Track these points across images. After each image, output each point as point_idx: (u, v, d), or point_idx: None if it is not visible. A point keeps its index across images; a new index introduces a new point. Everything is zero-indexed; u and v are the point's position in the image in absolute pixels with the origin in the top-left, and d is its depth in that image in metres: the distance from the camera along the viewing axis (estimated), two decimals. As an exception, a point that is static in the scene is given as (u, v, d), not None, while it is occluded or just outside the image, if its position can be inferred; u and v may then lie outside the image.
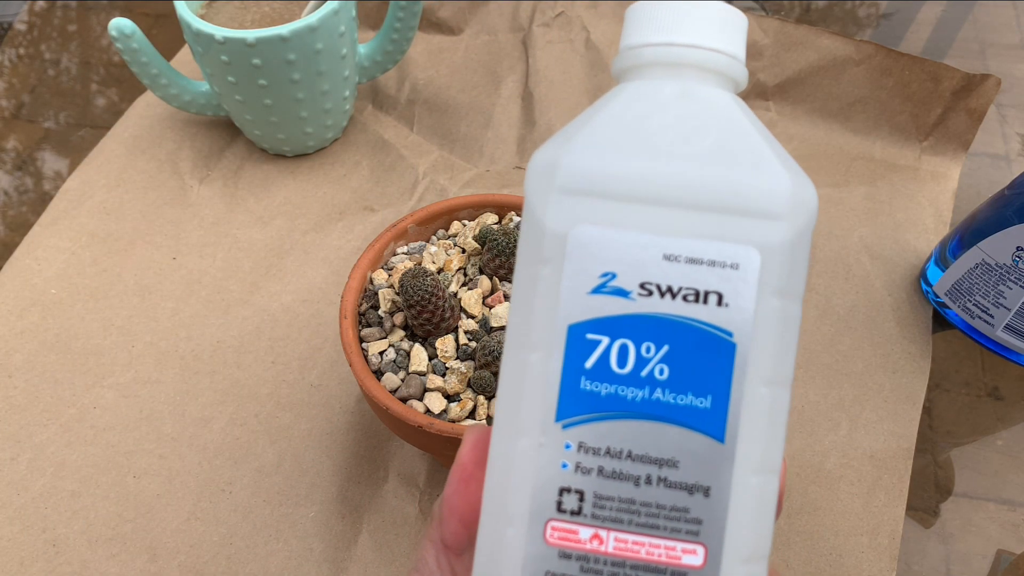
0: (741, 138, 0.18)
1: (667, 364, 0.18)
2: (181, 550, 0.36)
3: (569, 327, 0.18)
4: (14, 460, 0.39)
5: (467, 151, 0.53)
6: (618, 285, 0.18)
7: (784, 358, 0.18)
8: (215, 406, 0.41)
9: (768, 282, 0.17)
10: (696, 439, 0.17)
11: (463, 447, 0.20)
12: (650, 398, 0.18)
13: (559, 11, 0.60)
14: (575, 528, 0.18)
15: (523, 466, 0.18)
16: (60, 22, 0.65)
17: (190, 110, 0.51)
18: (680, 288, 0.18)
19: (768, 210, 0.17)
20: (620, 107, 0.19)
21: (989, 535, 0.37)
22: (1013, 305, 0.39)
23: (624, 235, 0.18)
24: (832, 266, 0.46)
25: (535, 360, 0.18)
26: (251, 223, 0.49)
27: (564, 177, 0.18)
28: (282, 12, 0.49)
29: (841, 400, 0.41)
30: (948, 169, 0.51)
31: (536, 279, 0.18)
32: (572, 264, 0.18)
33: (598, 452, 0.18)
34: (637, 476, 0.18)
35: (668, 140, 0.18)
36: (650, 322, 0.18)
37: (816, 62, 0.54)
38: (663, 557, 0.17)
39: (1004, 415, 0.42)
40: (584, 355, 0.18)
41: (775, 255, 0.17)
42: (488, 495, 0.18)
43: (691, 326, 0.17)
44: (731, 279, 0.17)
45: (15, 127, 0.57)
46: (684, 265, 0.17)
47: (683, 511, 0.17)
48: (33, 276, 0.46)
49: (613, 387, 0.18)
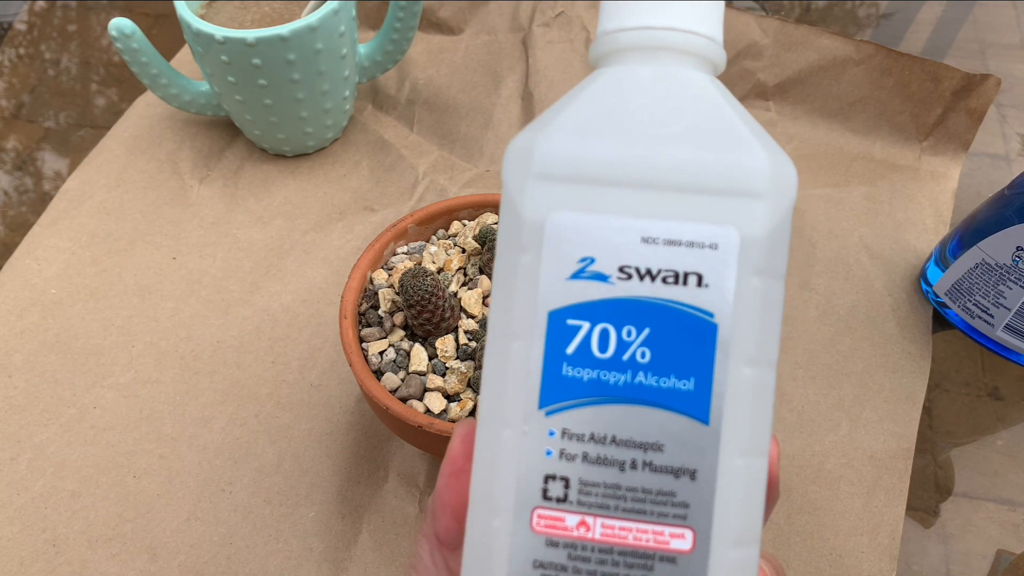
0: (718, 118, 0.18)
1: (649, 347, 0.17)
2: (181, 550, 0.36)
3: (549, 313, 0.18)
4: (14, 460, 0.39)
5: (467, 151, 0.53)
6: (597, 270, 0.18)
7: (767, 338, 0.18)
8: (215, 406, 0.41)
9: (748, 262, 0.17)
10: (680, 422, 0.17)
11: (453, 440, 0.20)
12: (633, 382, 0.17)
13: (559, 11, 0.60)
14: (561, 515, 0.17)
15: (508, 455, 0.18)
16: (60, 22, 0.65)
17: (190, 110, 0.51)
18: (659, 270, 0.17)
19: (746, 189, 0.17)
20: (596, 92, 0.19)
21: (989, 535, 0.37)
22: (1013, 305, 0.39)
23: (601, 219, 0.18)
24: (832, 266, 0.46)
25: (516, 348, 0.18)
26: (251, 223, 0.49)
27: (540, 163, 0.18)
28: (282, 12, 0.49)
29: (841, 400, 0.41)
30: (948, 169, 0.51)
31: (515, 267, 0.18)
32: (550, 250, 0.18)
33: (582, 438, 0.18)
34: (622, 461, 0.17)
35: (644, 122, 0.18)
36: (630, 306, 0.17)
37: (816, 62, 0.54)
38: (651, 542, 0.17)
39: (1004, 415, 0.42)
40: (565, 341, 0.18)
41: (755, 234, 0.17)
42: (475, 486, 0.18)
43: (671, 308, 0.17)
44: (710, 260, 0.17)
45: (15, 127, 0.57)
46: (663, 247, 0.17)
47: (670, 495, 0.17)
48: (33, 276, 0.46)
49: (595, 372, 0.18)
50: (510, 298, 0.18)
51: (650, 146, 0.18)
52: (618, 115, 0.18)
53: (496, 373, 0.18)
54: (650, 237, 0.17)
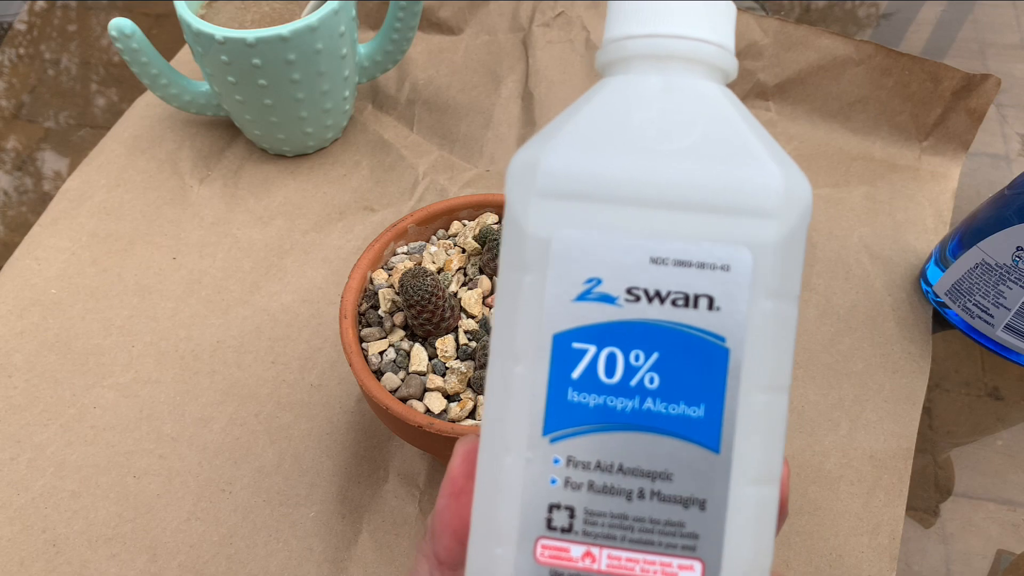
0: (729, 132, 0.17)
1: (657, 372, 0.17)
2: (181, 550, 0.36)
3: (554, 336, 0.17)
4: (14, 460, 0.39)
5: (467, 151, 0.53)
6: (604, 291, 0.17)
7: (780, 362, 0.17)
8: (215, 406, 0.41)
9: (761, 283, 0.17)
10: (690, 450, 0.17)
11: (453, 460, 0.20)
12: (640, 408, 0.17)
13: (559, 11, 0.60)
14: (566, 546, 0.17)
15: (511, 482, 0.17)
16: (60, 22, 0.65)
17: (190, 110, 0.51)
18: (669, 292, 0.17)
19: (759, 208, 0.17)
20: (602, 103, 0.18)
21: (989, 535, 0.37)
22: (1013, 305, 0.39)
23: (609, 238, 0.17)
24: (832, 266, 0.46)
25: (520, 372, 0.17)
26: (251, 223, 0.49)
27: (544, 179, 0.17)
28: (282, 12, 0.49)
29: (841, 400, 0.41)
30: (948, 169, 0.51)
31: (519, 286, 0.17)
32: (555, 270, 0.17)
33: (588, 466, 0.17)
34: (629, 490, 0.17)
35: (652, 136, 0.17)
36: (638, 329, 0.17)
37: (816, 62, 0.54)
38: (659, 574, 0.17)
39: (1004, 415, 0.42)
40: (571, 365, 0.17)
41: (768, 255, 0.17)
42: (476, 512, 0.18)
43: (681, 332, 0.17)
44: (722, 281, 0.17)
45: (15, 127, 0.57)
46: (672, 268, 0.17)
47: (678, 525, 0.17)
48: (33, 276, 0.46)
49: (602, 398, 0.17)
50: (513, 318, 0.17)
51: (659, 162, 0.17)
52: (625, 129, 0.17)
53: (498, 397, 0.18)
54: (659, 257, 0.17)
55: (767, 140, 0.18)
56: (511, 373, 0.17)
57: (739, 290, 0.17)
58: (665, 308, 0.17)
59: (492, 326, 0.18)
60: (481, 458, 0.18)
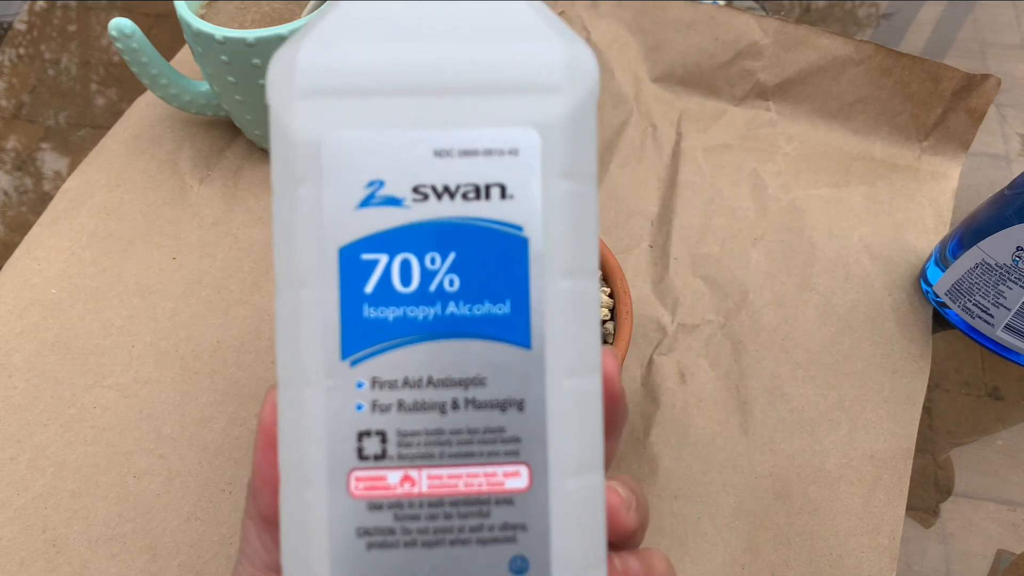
0: (504, 7, 0.16)
1: (456, 273, 0.16)
2: (181, 550, 0.36)
3: (340, 250, 0.16)
4: (14, 460, 0.39)
5: (467, 151, 0.53)
6: (388, 193, 0.16)
7: (583, 245, 0.16)
8: (215, 406, 0.41)
9: (552, 164, 0.16)
10: (501, 350, 0.16)
11: (264, 408, 0.18)
12: (443, 314, 0.16)
13: (559, 11, 0.60)
14: (382, 474, 0.16)
15: (313, 417, 0.16)
16: (60, 22, 0.65)
17: (190, 110, 0.51)
18: (457, 186, 0.16)
19: (542, 83, 0.16)
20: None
21: (989, 535, 0.37)
22: (1013, 305, 0.39)
23: (386, 135, 0.16)
24: (832, 266, 0.46)
25: (307, 295, 0.16)
26: (251, 223, 0.49)
27: (305, 76, 0.16)
28: (282, 12, 0.49)
29: (841, 400, 0.41)
30: (948, 169, 0.51)
31: (293, 201, 0.16)
32: (331, 177, 0.16)
33: (395, 385, 0.16)
34: (442, 403, 0.16)
35: (422, 19, 0.16)
36: (430, 229, 0.16)
37: (816, 62, 0.54)
38: (484, 486, 0.16)
39: (1004, 415, 0.42)
40: (362, 279, 0.16)
41: (556, 133, 0.16)
42: (283, 457, 0.16)
43: (476, 226, 0.16)
44: (512, 167, 0.16)
45: (15, 127, 0.57)
46: (458, 159, 0.16)
47: (498, 431, 0.16)
48: (33, 276, 0.46)
49: (400, 310, 0.16)
50: (293, 239, 0.16)
51: (431, 44, 0.16)
52: (393, 13, 0.16)
53: (289, 327, 0.16)
54: (443, 149, 0.16)
55: (547, 14, 0.17)
56: (298, 298, 0.16)
57: (530, 174, 0.16)
58: (456, 203, 0.16)
59: (273, 250, 0.17)
60: (281, 398, 0.16)
